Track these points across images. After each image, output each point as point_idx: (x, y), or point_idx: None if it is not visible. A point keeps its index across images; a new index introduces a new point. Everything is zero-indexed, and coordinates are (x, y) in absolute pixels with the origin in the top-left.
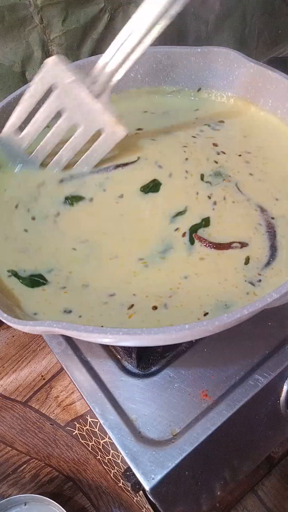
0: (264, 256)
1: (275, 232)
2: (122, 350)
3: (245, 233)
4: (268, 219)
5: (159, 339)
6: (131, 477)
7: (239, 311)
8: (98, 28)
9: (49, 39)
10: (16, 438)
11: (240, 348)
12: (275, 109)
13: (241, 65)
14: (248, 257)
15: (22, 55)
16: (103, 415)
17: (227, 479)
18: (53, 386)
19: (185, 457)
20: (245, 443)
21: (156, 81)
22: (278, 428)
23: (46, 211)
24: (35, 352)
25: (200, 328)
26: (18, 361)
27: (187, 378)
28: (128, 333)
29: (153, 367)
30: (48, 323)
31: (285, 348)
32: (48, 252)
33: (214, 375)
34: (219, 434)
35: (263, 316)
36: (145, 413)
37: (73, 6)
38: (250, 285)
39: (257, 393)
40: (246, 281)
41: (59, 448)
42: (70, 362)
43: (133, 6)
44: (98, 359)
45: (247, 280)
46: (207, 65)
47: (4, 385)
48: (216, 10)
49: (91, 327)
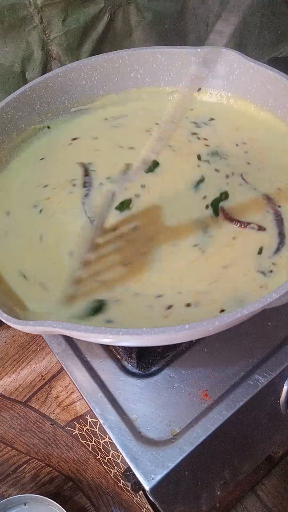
0: (274, 242)
1: (282, 219)
2: (122, 350)
3: (256, 217)
4: (275, 207)
5: (159, 339)
6: (131, 477)
7: (239, 311)
8: (98, 28)
9: (49, 39)
10: (16, 438)
11: (240, 348)
12: (275, 109)
13: (241, 65)
14: (261, 247)
15: (22, 55)
16: (103, 415)
17: (227, 479)
18: (53, 386)
19: (185, 457)
20: (245, 443)
21: (156, 81)
22: (278, 428)
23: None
24: (35, 352)
25: (200, 328)
26: (18, 361)
27: (187, 378)
28: (128, 333)
29: (153, 367)
30: (48, 323)
31: (285, 348)
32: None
33: (214, 375)
34: (219, 434)
35: (263, 316)
36: (145, 413)
37: (73, 6)
38: (262, 276)
39: (257, 393)
40: (258, 272)
41: (59, 448)
42: (70, 362)
43: (133, 6)
44: (98, 359)
45: (259, 270)
46: (207, 65)
47: (4, 385)
48: (216, 10)
49: (91, 327)
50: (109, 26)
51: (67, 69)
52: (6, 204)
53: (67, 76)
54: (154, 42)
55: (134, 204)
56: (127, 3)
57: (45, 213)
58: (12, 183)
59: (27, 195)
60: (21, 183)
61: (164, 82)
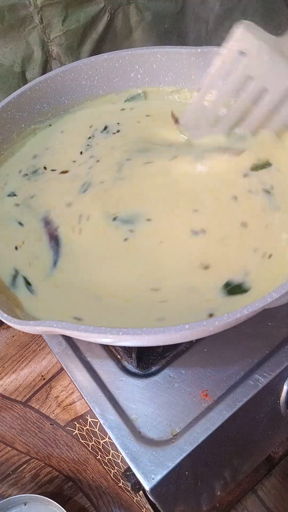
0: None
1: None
2: (122, 350)
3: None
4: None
5: (159, 339)
6: (131, 477)
7: (239, 311)
8: (98, 28)
9: (49, 39)
10: (16, 438)
11: (240, 348)
12: None
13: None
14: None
15: (22, 55)
16: (103, 415)
17: (227, 479)
18: (53, 386)
19: (185, 457)
20: (245, 443)
21: (156, 81)
22: (278, 428)
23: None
24: (35, 352)
25: (200, 328)
26: (18, 361)
27: (187, 378)
28: (128, 333)
29: (153, 367)
30: (48, 323)
31: (285, 348)
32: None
33: (214, 375)
34: (219, 434)
35: (263, 316)
36: (145, 413)
37: (73, 6)
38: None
39: (257, 393)
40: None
41: (59, 448)
42: (70, 362)
43: (133, 6)
44: (98, 359)
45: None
46: (207, 65)
47: (4, 385)
48: (216, 10)
49: (91, 327)
50: (109, 26)
51: (67, 69)
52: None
53: (67, 76)
54: (154, 42)
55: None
56: (127, 3)
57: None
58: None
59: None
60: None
61: (164, 82)
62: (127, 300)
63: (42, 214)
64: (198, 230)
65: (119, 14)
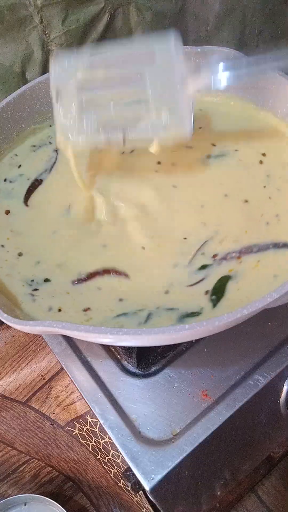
0: None
1: None
2: (122, 350)
3: None
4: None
5: (159, 339)
6: (131, 477)
7: (239, 311)
8: (98, 28)
9: (49, 39)
10: (16, 438)
11: (240, 348)
12: (275, 109)
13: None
14: None
15: (22, 55)
16: (103, 415)
17: (227, 479)
18: (53, 386)
19: (185, 457)
20: (245, 443)
21: None
22: (278, 428)
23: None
24: (35, 352)
25: (200, 328)
26: (18, 361)
27: (187, 378)
28: (128, 333)
29: (153, 367)
30: (48, 323)
31: (285, 348)
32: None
33: (214, 375)
34: (219, 434)
35: (263, 316)
36: (145, 413)
37: (73, 6)
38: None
39: (257, 393)
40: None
41: (59, 448)
42: (70, 362)
43: (133, 6)
44: (98, 359)
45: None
46: (207, 65)
47: (4, 385)
48: (216, 10)
49: (91, 327)
50: (109, 26)
51: None
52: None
53: None
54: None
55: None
56: (127, 3)
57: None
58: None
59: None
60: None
61: None
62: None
63: None
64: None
65: (119, 14)
